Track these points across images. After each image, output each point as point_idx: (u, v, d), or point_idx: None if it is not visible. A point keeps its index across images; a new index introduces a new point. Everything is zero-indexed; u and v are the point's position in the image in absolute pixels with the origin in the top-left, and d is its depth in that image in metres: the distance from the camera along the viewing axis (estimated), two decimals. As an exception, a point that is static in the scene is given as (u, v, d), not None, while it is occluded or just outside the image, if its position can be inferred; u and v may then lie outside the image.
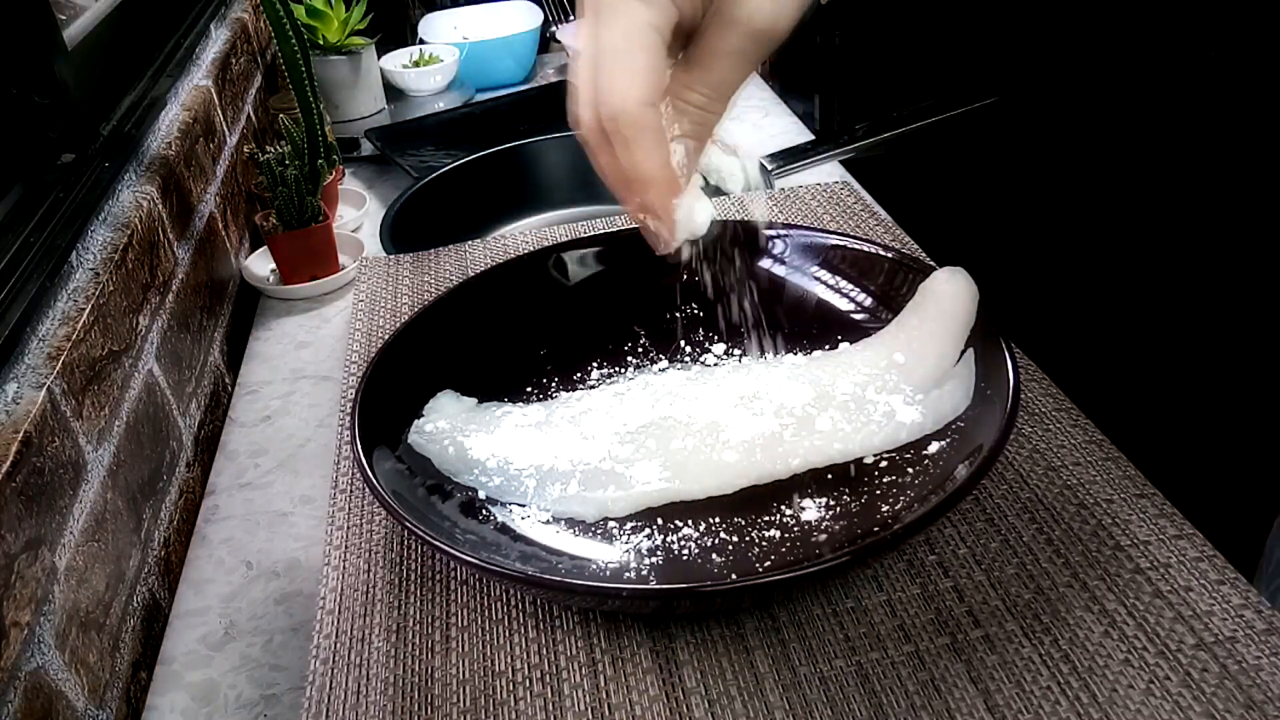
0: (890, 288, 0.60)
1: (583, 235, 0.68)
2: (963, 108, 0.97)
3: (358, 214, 0.96)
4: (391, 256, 0.80)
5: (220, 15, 1.05)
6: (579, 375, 0.61)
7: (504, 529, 0.50)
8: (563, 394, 0.60)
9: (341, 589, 0.50)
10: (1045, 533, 0.49)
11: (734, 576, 0.46)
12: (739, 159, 0.44)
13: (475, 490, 0.52)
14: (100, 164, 0.64)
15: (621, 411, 0.55)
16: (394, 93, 1.23)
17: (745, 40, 0.40)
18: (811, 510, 0.49)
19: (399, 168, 1.01)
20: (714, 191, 0.44)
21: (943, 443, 0.51)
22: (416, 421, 0.56)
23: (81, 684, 0.47)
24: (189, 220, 0.76)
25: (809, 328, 0.61)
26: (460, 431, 0.55)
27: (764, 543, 0.48)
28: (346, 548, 0.53)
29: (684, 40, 0.41)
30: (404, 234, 0.86)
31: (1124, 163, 0.82)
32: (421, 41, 1.29)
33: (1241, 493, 0.67)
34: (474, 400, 0.59)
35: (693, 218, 0.43)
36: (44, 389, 0.48)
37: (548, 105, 1.17)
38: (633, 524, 0.50)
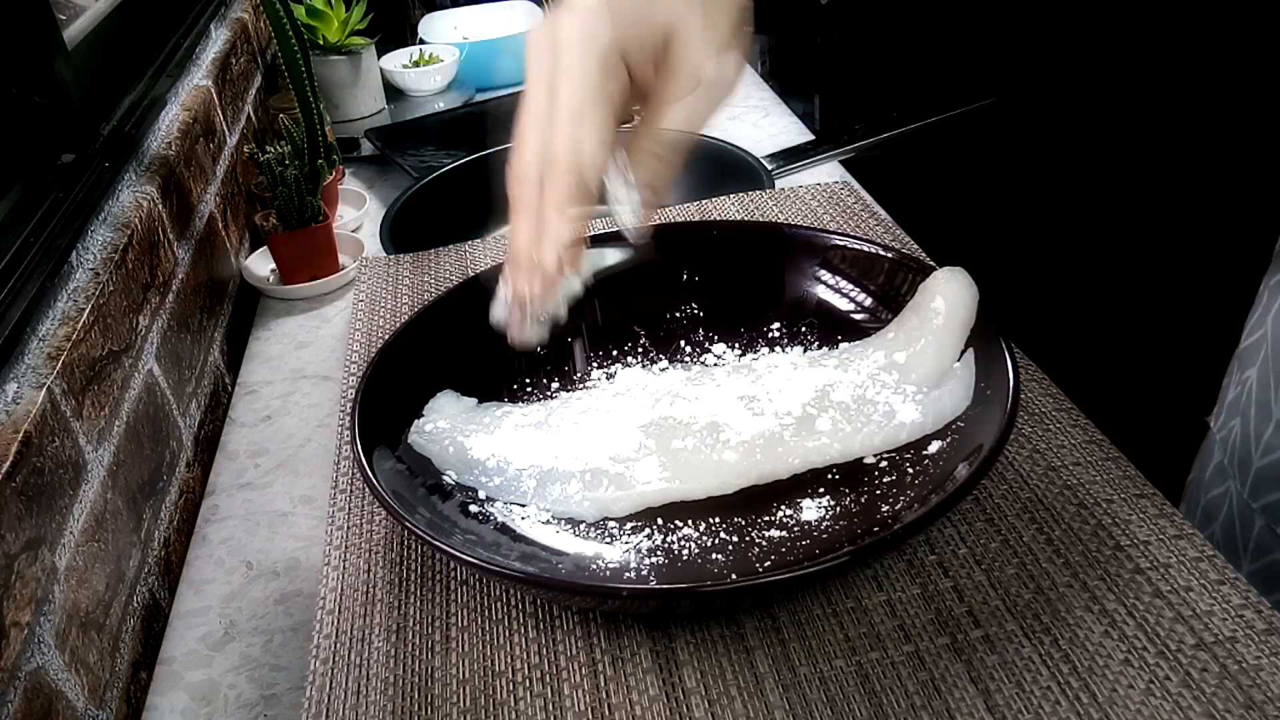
0: (890, 288, 0.60)
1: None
2: (961, 108, 0.97)
3: (358, 214, 0.96)
4: (391, 256, 0.80)
5: (220, 15, 1.05)
6: (579, 375, 0.61)
7: (504, 529, 0.50)
8: (563, 394, 0.60)
9: (341, 589, 0.50)
10: (1045, 533, 0.49)
11: (734, 576, 0.46)
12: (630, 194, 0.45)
13: (475, 490, 0.52)
14: (100, 164, 0.64)
15: (621, 411, 0.55)
16: (394, 93, 1.23)
17: (696, 93, 0.42)
18: (811, 510, 0.49)
19: (399, 168, 1.01)
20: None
21: (943, 443, 0.51)
22: (416, 421, 0.56)
23: (81, 684, 0.47)
24: (189, 220, 0.76)
25: (809, 328, 0.62)
26: (460, 431, 0.55)
27: (764, 543, 0.48)
28: (346, 548, 0.53)
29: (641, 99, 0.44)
30: (404, 234, 0.85)
31: (1121, 162, 0.83)
32: (421, 41, 1.29)
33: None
34: (474, 400, 0.59)
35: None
36: (44, 389, 0.48)
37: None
38: (633, 524, 0.50)
